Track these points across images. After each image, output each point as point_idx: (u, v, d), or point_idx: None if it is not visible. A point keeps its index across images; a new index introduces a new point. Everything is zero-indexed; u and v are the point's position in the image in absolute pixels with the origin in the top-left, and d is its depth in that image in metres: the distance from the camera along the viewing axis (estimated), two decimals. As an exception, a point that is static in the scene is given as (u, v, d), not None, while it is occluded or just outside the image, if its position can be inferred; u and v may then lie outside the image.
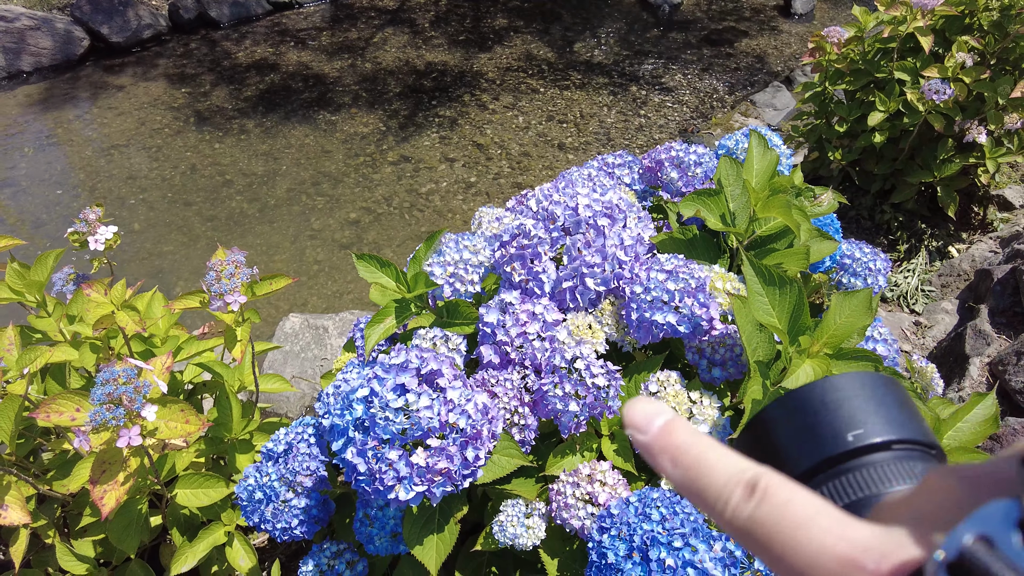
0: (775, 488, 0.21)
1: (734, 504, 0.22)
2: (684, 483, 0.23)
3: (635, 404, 0.26)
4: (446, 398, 0.76)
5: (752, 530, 0.21)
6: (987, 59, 2.19)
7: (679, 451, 0.24)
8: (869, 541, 0.19)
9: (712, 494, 0.22)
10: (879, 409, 0.26)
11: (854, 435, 0.25)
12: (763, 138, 1.00)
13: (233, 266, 1.04)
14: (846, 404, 0.26)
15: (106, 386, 0.84)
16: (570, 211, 0.95)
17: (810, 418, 0.26)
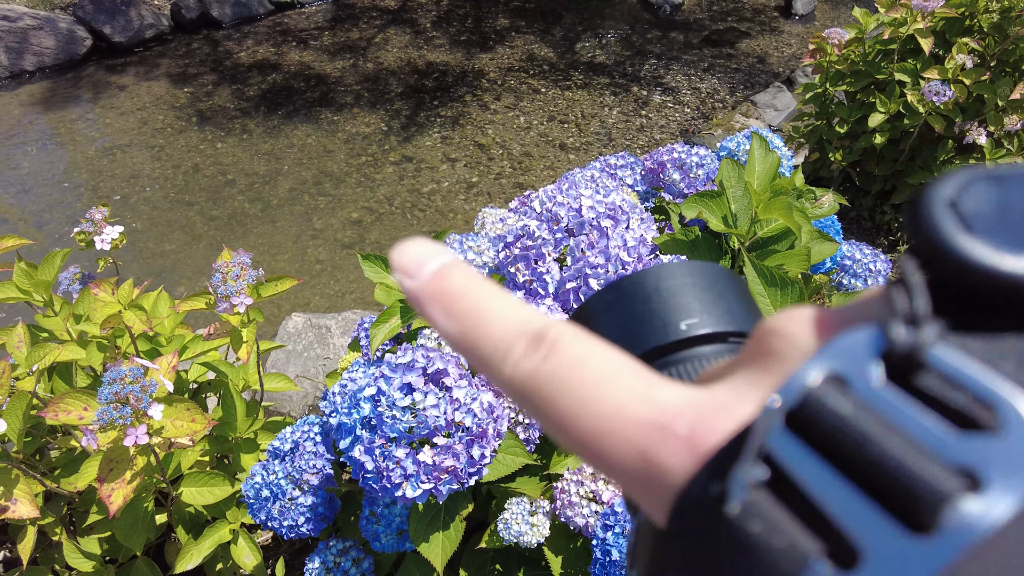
0: (568, 341, 0.17)
1: (515, 359, 0.17)
2: (458, 336, 0.18)
3: (405, 245, 0.20)
4: (452, 397, 0.77)
5: (535, 389, 0.17)
6: (987, 61, 2.20)
7: (453, 298, 0.19)
8: (683, 403, 0.15)
9: (489, 347, 0.18)
10: (717, 300, 0.23)
11: (687, 324, 0.22)
12: (764, 140, 1.01)
13: (239, 268, 1.05)
14: (681, 292, 0.23)
15: (113, 385, 0.85)
16: (574, 212, 0.96)
17: (640, 305, 0.23)
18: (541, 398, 0.17)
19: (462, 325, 0.18)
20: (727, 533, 0.12)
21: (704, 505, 0.13)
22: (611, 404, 0.15)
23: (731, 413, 0.14)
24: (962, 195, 0.13)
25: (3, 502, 0.86)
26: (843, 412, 0.12)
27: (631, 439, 0.15)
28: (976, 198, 0.13)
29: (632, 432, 0.15)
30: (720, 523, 0.13)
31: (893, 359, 0.12)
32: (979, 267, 0.12)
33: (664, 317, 0.22)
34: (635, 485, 0.15)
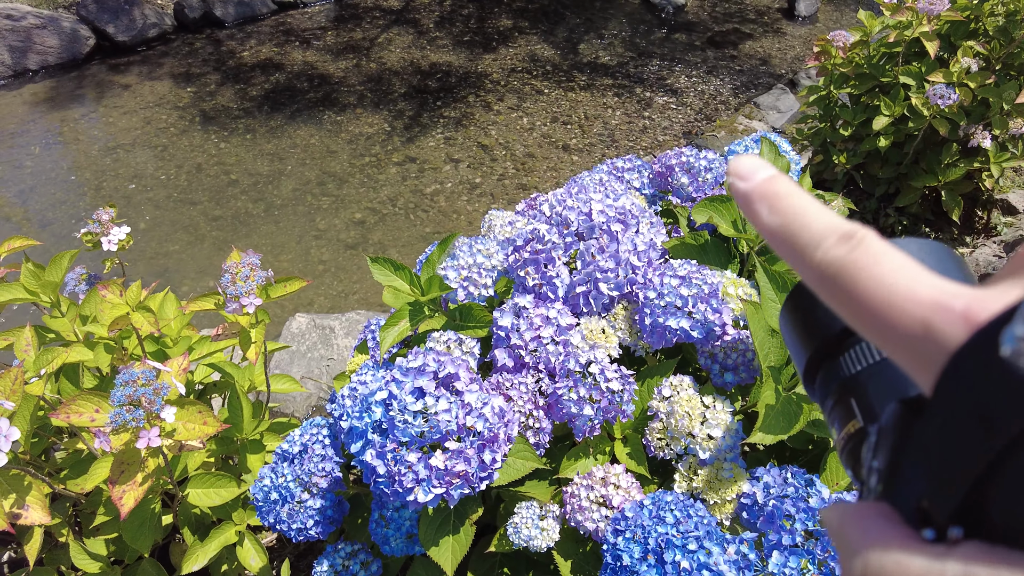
0: (871, 240, 0.21)
1: (827, 247, 0.21)
2: (778, 230, 0.23)
3: (740, 157, 0.25)
4: (464, 401, 0.77)
5: (840, 271, 0.20)
6: (992, 64, 2.20)
7: (778, 198, 0.23)
8: (962, 290, 0.18)
9: (805, 238, 0.22)
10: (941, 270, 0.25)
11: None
12: (774, 145, 1.01)
13: (248, 268, 1.05)
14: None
15: (126, 388, 0.85)
16: (584, 216, 0.96)
17: None
18: (844, 279, 0.20)
19: (784, 218, 0.22)
20: (999, 372, 0.15)
21: (978, 357, 0.16)
22: (902, 285, 0.19)
23: (1000, 298, 0.18)
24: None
25: (16, 509, 0.86)
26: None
27: (915, 312, 0.18)
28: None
29: (917, 306, 0.18)
30: (992, 367, 0.15)
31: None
32: None
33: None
34: (914, 350, 0.18)
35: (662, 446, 0.86)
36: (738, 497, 0.82)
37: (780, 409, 0.79)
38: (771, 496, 0.77)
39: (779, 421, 0.78)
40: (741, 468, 0.82)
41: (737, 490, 0.81)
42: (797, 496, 0.75)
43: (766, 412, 0.78)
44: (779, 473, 0.79)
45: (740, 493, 0.81)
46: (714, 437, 0.81)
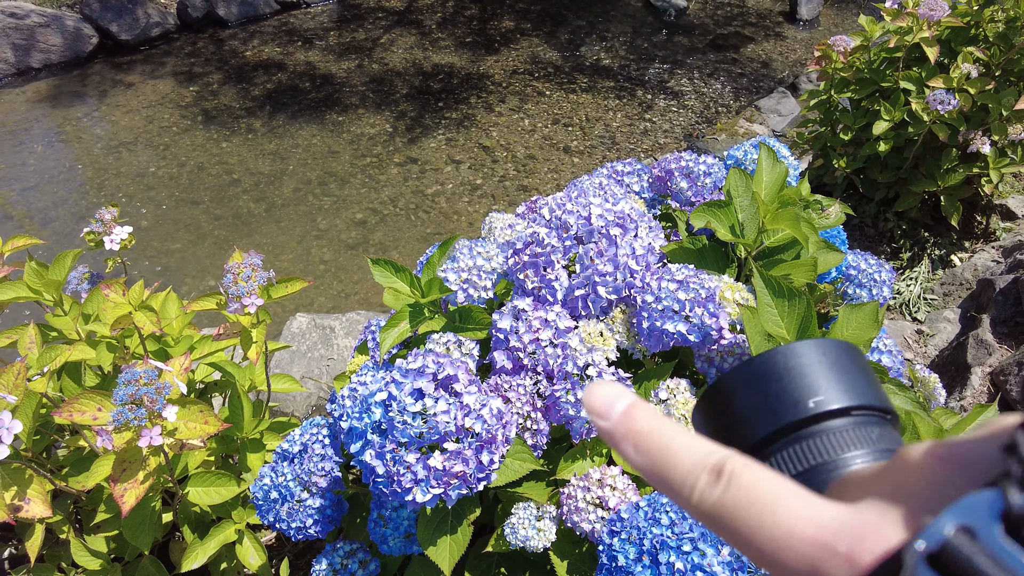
0: (741, 470, 0.21)
1: (700, 489, 0.21)
2: (649, 469, 0.22)
3: (594, 388, 0.24)
4: (462, 403, 0.78)
5: (719, 515, 0.20)
6: (992, 70, 2.21)
7: (642, 436, 0.23)
8: (840, 522, 0.19)
9: (678, 480, 0.22)
10: (839, 376, 0.26)
11: (815, 402, 0.25)
12: (772, 151, 1.02)
13: (250, 269, 1.06)
14: (807, 371, 0.26)
15: (128, 387, 0.86)
16: (583, 220, 0.97)
17: (772, 384, 0.26)
18: (725, 523, 0.20)
19: (651, 459, 0.22)
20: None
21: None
22: (783, 526, 0.19)
23: (880, 537, 0.18)
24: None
25: (17, 501, 0.87)
26: (972, 558, 0.15)
27: (803, 555, 0.19)
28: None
29: (803, 549, 0.19)
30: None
31: (1011, 517, 0.16)
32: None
33: (795, 395, 0.25)
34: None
35: (658, 448, 0.87)
36: (733, 500, 0.82)
37: (775, 413, 0.79)
38: (765, 499, 0.77)
39: (774, 425, 0.79)
40: (736, 471, 0.83)
41: (732, 493, 0.82)
42: (791, 499, 0.76)
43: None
44: (774, 476, 0.80)
45: (735, 496, 0.82)
46: (710, 440, 0.82)
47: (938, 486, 0.18)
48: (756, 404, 0.26)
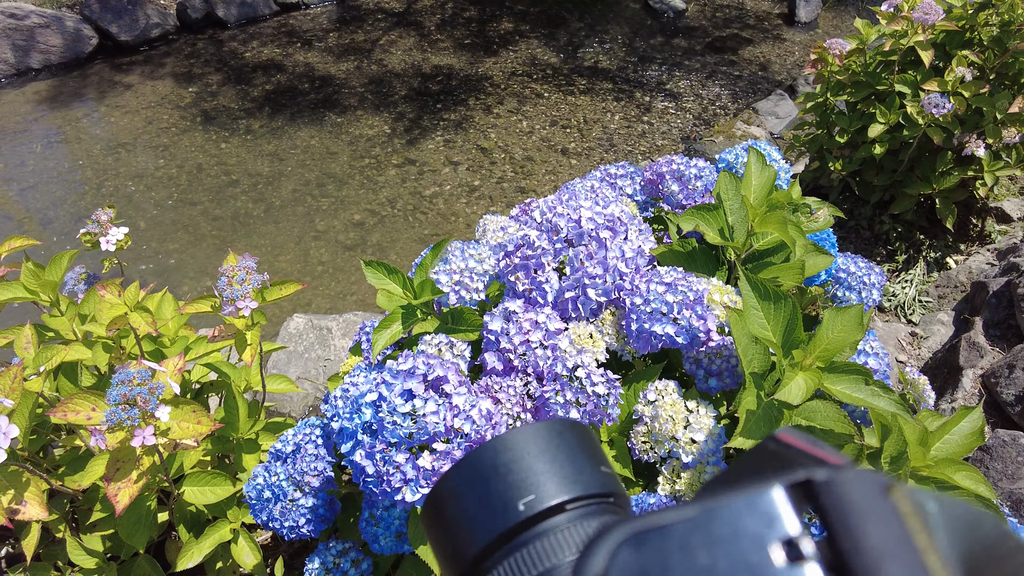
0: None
1: None
2: None
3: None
4: (452, 404, 0.79)
5: None
6: (986, 74, 2.22)
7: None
8: None
9: None
10: (551, 467, 0.23)
11: (525, 503, 0.23)
12: (761, 155, 1.03)
13: (245, 272, 1.07)
14: (515, 466, 0.23)
15: (122, 387, 0.87)
16: (573, 223, 0.98)
17: (481, 488, 0.23)
18: None
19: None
20: None
21: None
22: None
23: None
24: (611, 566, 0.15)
25: (14, 504, 0.88)
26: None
27: None
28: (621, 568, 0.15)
29: None
30: None
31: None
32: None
33: (503, 498, 0.23)
34: None
35: (647, 449, 0.88)
36: (720, 500, 0.83)
37: (761, 415, 0.80)
38: (751, 499, 0.78)
39: (760, 426, 0.80)
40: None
41: (719, 493, 0.83)
42: (776, 500, 0.77)
43: (747, 417, 0.80)
44: (760, 477, 0.81)
45: (722, 496, 0.83)
46: (697, 441, 0.83)
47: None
48: (467, 516, 0.23)
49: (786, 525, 0.15)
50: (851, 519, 0.14)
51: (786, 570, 0.14)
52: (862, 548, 0.14)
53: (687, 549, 0.15)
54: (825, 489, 0.15)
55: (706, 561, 0.15)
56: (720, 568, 0.14)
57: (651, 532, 0.16)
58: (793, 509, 0.15)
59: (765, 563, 0.14)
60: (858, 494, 0.15)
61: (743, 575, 0.14)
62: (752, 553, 0.15)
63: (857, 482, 0.15)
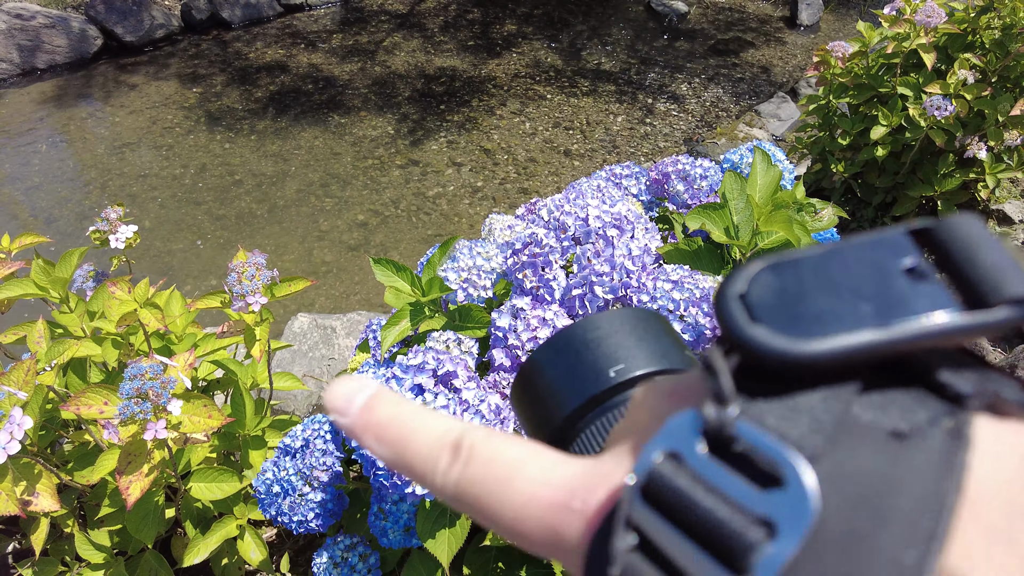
0: (480, 445, 0.20)
1: (442, 471, 0.20)
2: (393, 460, 0.21)
3: (334, 386, 0.23)
4: (461, 399, 0.80)
5: (462, 494, 0.19)
6: (988, 77, 2.23)
7: (382, 428, 0.21)
8: (576, 480, 0.18)
9: (419, 465, 0.20)
10: (640, 343, 0.25)
11: (615, 371, 0.24)
12: (767, 155, 1.04)
13: (254, 268, 1.08)
14: (605, 341, 0.25)
15: (134, 381, 0.88)
16: (580, 222, 0.99)
17: (573, 358, 0.25)
18: (468, 501, 0.19)
19: (394, 449, 0.21)
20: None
21: (599, 568, 0.16)
22: (522, 495, 0.18)
23: (610, 484, 0.17)
24: (750, 287, 0.17)
25: (26, 496, 0.89)
26: (677, 483, 0.15)
27: (542, 520, 0.18)
28: (760, 288, 0.16)
29: (542, 514, 0.18)
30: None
31: (710, 434, 0.15)
32: (763, 349, 0.15)
33: (595, 367, 0.25)
34: (557, 557, 0.18)
35: (653, 445, 0.88)
36: (725, 495, 0.84)
37: (767, 410, 0.81)
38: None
39: (765, 422, 0.81)
40: (729, 467, 0.85)
41: (724, 488, 0.84)
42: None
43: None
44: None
45: (727, 491, 0.84)
46: (703, 436, 0.84)
47: (663, 419, 0.17)
48: (559, 382, 0.25)
49: (910, 255, 0.16)
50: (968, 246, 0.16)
51: (911, 284, 0.16)
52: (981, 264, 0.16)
53: (820, 270, 0.16)
54: (942, 227, 0.16)
55: (839, 278, 0.16)
56: (851, 284, 0.16)
57: (785, 263, 0.17)
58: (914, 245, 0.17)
59: (892, 278, 0.16)
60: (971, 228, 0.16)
61: (871, 287, 0.16)
62: (879, 272, 0.16)
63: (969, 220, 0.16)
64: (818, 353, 0.15)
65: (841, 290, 0.16)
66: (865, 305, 0.16)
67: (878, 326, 0.15)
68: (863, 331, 0.15)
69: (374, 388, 0.22)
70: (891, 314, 0.15)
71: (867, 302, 0.16)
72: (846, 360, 0.15)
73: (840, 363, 0.15)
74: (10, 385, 0.90)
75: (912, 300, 0.15)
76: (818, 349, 0.15)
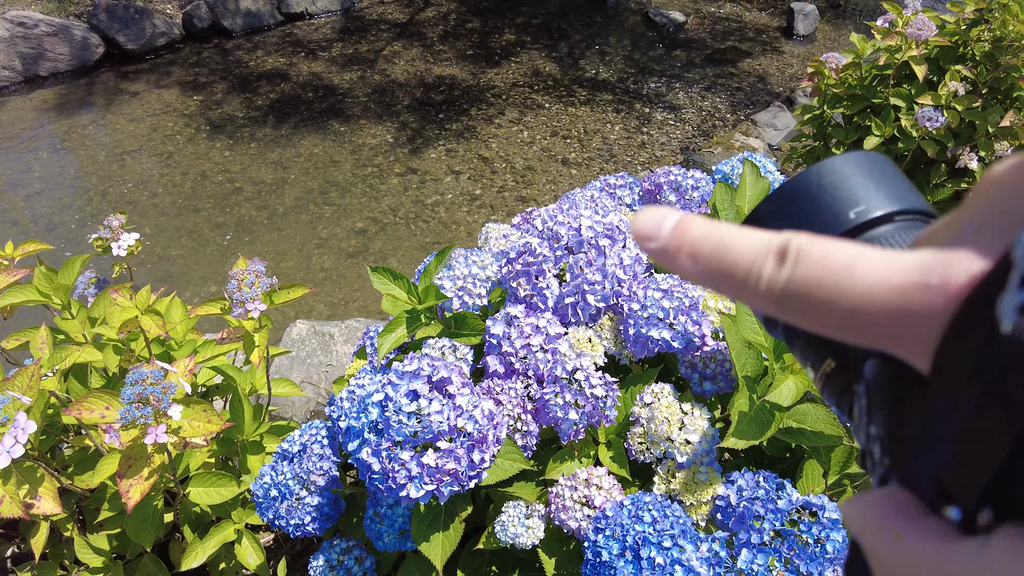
0: (808, 247, 0.19)
1: (768, 274, 0.19)
2: (710, 274, 0.21)
3: (640, 214, 0.22)
4: (455, 404, 0.82)
5: (793, 294, 0.19)
6: (979, 88, 2.26)
7: (696, 244, 0.21)
8: (927, 260, 0.17)
9: (741, 273, 0.20)
10: (877, 185, 0.25)
11: (856, 212, 0.24)
12: (756, 166, 1.06)
13: (254, 275, 1.10)
14: (843, 184, 0.25)
15: (135, 386, 0.90)
16: (573, 231, 1.01)
17: (809, 203, 0.25)
18: (801, 297, 0.19)
19: (711, 262, 0.21)
20: (1002, 350, 0.14)
21: (976, 333, 0.15)
22: (865, 281, 0.17)
23: (975, 255, 0.16)
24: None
25: (29, 499, 0.91)
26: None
27: (892, 302, 0.17)
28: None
29: (891, 296, 0.17)
30: (993, 344, 0.14)
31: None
32: None
33: (834, 209, 0.24)
34: (902, 340, 0.17)
35: (643, 450, 0.90)
36: (713, 499, 0.86)
37: (753, 416, 0.83)
38: (743, 498, 0.81)
39: (752, 427, 0.83)
40: (717, 472, 0.87)
41: (713, 492, 0.86)
42: (767, 498, 0.80)
43: (739, 418, 0.83)
44: (752, 477, 0.84)
45: (716, 495, 0.86)
46: (691, 442, 0.86)
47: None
48: (795, 225, 0.24)
49: None
50: None
51: None
52: None
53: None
54: None
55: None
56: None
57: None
58: None
59: None
60: None
61: None
62: None
63: None
64: None
65: None
66: None
67: None
68: None
69: (680, 214, 0.22)
70: None
71: None
72: None
73: None
74: (14, 390, 0.92)
75: None
76: None
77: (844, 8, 5.67)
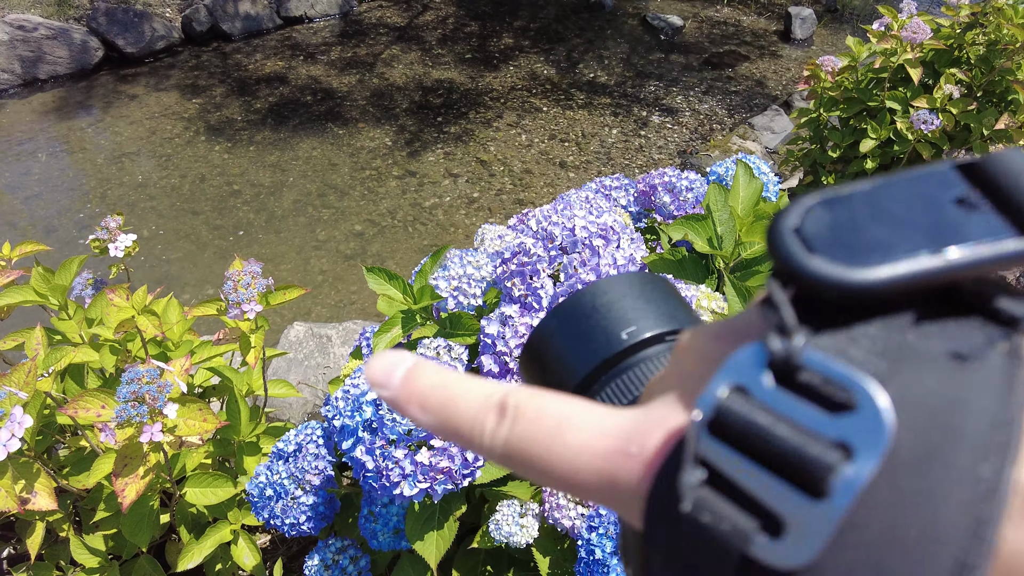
0: (524, 403, 0.20)
1: (490, 431, 0.20)
2: (438, 426, 0.21)
3: (374, 360, 0.23)
4: (449, 402, 0.82)
5: (511, 453, 0.19)
6: (974, 91, 2.27)
7: (424, 396, 0.21)
8: (629, 426, 0.18)
9: (466, 429, 0.20)
10: (648, 305, 0.26)
11: (628, 333, 0.25)
12: (749, 168, 1.07)
13: (250, 276, 1.10)
14: (616, 305, 0.26)
15: (131, 385, 0.90)
16: (567, 232, 1.01)
17: (583, 324, 0.25)
18: (519, 457, 0.19)
19: (438, 416, 0.21)
20: (686, 526, 0.15)
21: (664, 507, 0.16)
22: (574, 446, 0.18)
23: (666, 427, 0.17)
24: (804, 220, 0.17)
25: (24, 494, 0.91)
26: (747, 415, 0.15)
27: (597, 468, 0.18)
28: (814, 221, 0.17)
29: (596, 463, 0.18)
30: (679, 518, 0.15)
31: (776, 365, 0.15)
32: (822, 279, 0.16)
33: (606, 331, 0.25)
34: (611, 504, 0.18)
35: (636, 449, 0.91)
36: (706, 498, 0.86)
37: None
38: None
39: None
40: (710, 471, 0.87)
41: (705, 491, 0.86)
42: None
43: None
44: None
45: (708, 494, 0.86)
46: (684, 441, 0.87)
47: (714, 362, 0.17)
48: (569, 349, 0.25)
49: (959, 187, 0.16)
50: (1018, 176, 0.16)
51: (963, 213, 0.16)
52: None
53: (872, 203, 0.17)
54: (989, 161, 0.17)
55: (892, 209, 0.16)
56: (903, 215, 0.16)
57: (837, 197, 0.17)
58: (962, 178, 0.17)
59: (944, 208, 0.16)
60: (1020, 160, 0.17)
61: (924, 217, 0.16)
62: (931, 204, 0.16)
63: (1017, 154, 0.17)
64: (877, 280, 0.15)
65: (894, 221, 0.16)
66: (919, 234, 0.16)
67: (934, 253, 0.15)
68: (920, 258, 0.15)
69: (412, 360, 0.22)
70: (946, 242, 0.15)
71: (921, 232, 0.16)
72: (904, 287, 0.15)
73: (897, 291, 0.15)
74: (11, 385, 0.92)
75: (966, 228, 0.16)
76: (877, 276, 0.15)
77: (841, 12, 5.69)
